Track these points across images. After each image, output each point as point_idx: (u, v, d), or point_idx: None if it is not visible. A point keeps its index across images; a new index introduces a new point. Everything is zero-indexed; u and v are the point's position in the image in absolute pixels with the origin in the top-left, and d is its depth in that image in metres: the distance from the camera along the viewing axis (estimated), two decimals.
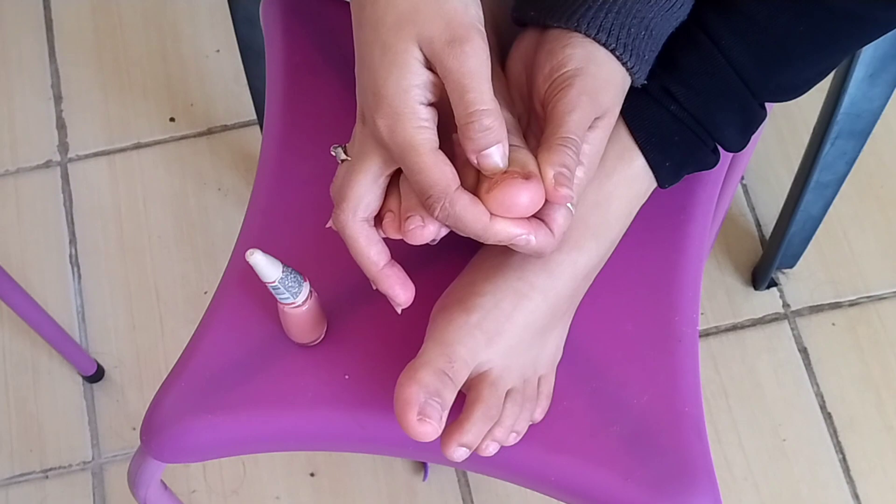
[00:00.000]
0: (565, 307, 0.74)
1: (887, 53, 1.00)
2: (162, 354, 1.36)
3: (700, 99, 0.72)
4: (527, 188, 0.63)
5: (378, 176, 0.66)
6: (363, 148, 0.66)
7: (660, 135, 0.73)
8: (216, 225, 1.42)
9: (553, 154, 0.64)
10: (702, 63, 0.71)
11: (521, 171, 0.63)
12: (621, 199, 0.74)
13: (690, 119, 0.72)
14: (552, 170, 0.63)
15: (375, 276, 0.69)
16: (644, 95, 0.72)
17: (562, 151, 0.64)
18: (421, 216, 0.65)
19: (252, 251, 0.67)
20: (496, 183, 0.63)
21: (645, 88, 0.72)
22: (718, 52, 0.71)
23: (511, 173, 0.63)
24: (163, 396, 0.78)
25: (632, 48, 0.69)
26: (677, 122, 0.72)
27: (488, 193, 0.63)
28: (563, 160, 0.64)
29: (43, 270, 1.40)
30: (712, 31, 0.71)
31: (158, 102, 1.49)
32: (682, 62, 0.72)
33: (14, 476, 1.30)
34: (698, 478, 0.74)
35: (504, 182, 0.63)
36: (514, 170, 0.63)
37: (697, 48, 0.71)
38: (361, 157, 0.66)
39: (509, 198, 0.63)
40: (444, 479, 1.28)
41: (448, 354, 0.69)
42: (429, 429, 0.67)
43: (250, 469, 1.30)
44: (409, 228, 0.65)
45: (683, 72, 0.72)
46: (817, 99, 1.07)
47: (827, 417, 1.30)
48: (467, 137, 0.62)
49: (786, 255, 1.33)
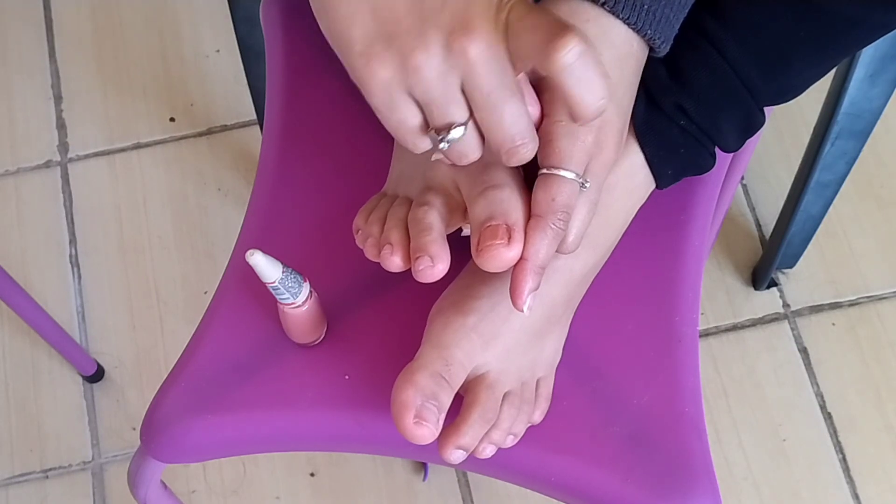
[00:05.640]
0: (562, 311, 0.74)
1: (887, 53, 1.00)
2: (162, 354, 1.36)
3: (708, 111, 0.72)
4: (510, 249, 0.63)
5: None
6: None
7: (668, 148, 0.73)
8: (216, 225, 1.42)
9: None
10: (711, 76, 0.71)
11: (505, 227, 0.63)
12: (621, 209, 0.74)
13: (697, 130, 0.72)
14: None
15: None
16: (658, 112, 0.72)
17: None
18: (430, 256, 0.65)
19: (252, 251, 0.67)
20: (482, 249, 0.63)
21: (659, 105, 0.71)
22: (727, 64, 0.71)
23: (493, 233, 0.63)
24: (163, 396, 0.78)
25: (651, 17, 0.66)
26: (685, 135, 0.72)
27: (478, 252, 0.63)
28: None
29: (43, 270, 1.40)
30: (717, 41, 0.70)
31: (158, 102, 1.49)
32: (692, 76, 0.71)
33: (14, 476, 1.30)
34: (698, 478, 0.74)
35: (488, 249, 0.63)
36: (496, 225, 0.63)
37: (706, 60, 0.71)
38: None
39: (496, 260, 0.63)
40: (444, 479, 1.28)
41: (445, 357, 0.69)
42: (425, 432, 0.67)
43: (250, 469, 1.30)
44: (420, 269, 0.65)
45: (694, 86, 0.71)
46: (817, 99, 1.07)
47: (827, 417, 1.30)
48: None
49: (786, 255, 1.33)
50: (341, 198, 0.82)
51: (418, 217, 0.68)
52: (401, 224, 0.69)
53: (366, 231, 0.72)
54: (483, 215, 0.64)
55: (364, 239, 0.72)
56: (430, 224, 0.67)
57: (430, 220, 0.67)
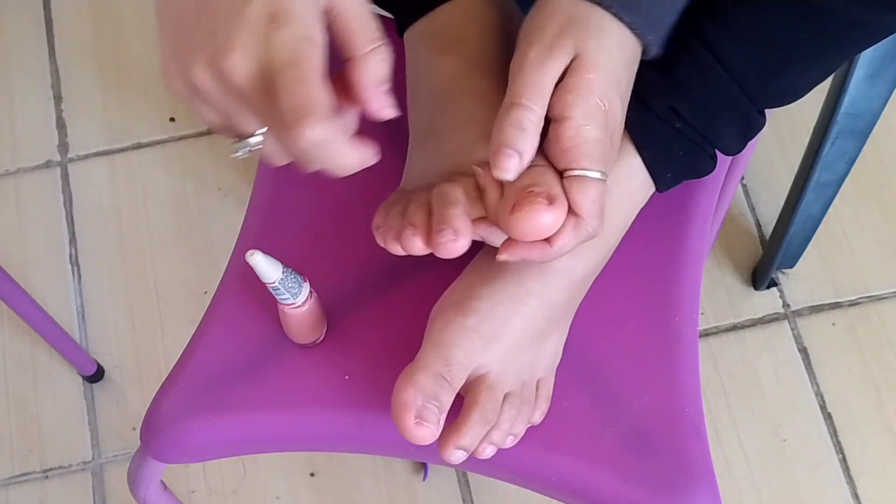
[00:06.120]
0: (562, 312, 0.74)
1: (887, 53, 1.00)
2: (162, 354, 1.36)
3: (703, 113, 0.72)
4: (550, 212, 0.62)
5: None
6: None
7: (666, 150, 0.73)
8: (216, 225, 1.42)
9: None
10: (703, 78, 0.71)
11: (545, 192, 0.63)
12: (621, 211, 0.74)
13: (693, 132, 0.72)
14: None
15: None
16: (650, 114, 0.72)
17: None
18: (454, 229, 0.65)
19: (252, 252, 0.67)
20: (520, 205, 0.62)
21: (650, 107, 0.71)
22: (720, 65, 0.70)
23: (535, 195, 0.62)
24: (163, 396, 0.78)
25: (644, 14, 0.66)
26: (682, 137, 0.72)
27: (512, 214, 0.63)
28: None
29: (43, 270, 1.40)
30: (712, 43, 0.70)
31: (158, 102, 1.49)
32: (684, 78, 0.71)
33: (14, 476, 1.30)
34: (698, 478, 0.74)
35: (529, 204, 0.62)
36: (539, 190, 0.63)
37: (698, 62, 0.71)
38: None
39: (534, 218, 0.62)
40: (443, 479, 1.28)
41: (445, 358, 0.69)
42: (426, 432, 0.67)
43: (250, 469, 1.30)
44: (441, 241, 0.65)
45: (687, 88, 0.71)
46: (817, 99, 1.07)
47: (827, 417, 1.30)
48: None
49: (786, 255, 1.33)
50: (341, 198, 0.82)
51: (444, 191, 0.68)
52: (424, 207, 0.69)
53: (386, 226, 0.71)
54: (526, 181, 0.64)
55: (385, 234, 0.70)
56: (456, 199, 0.67)
57: (457, 195, 0.67)
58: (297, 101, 0.56)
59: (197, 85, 0.59)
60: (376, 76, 0.60)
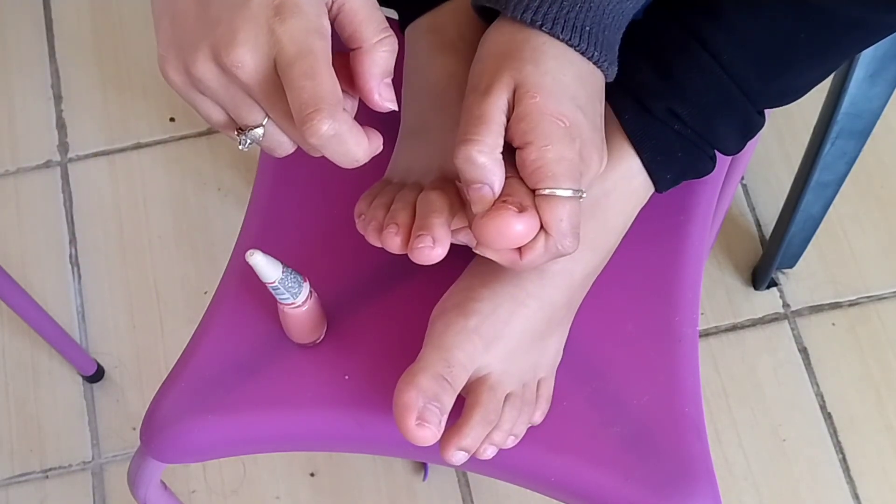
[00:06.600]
0: (563, 313, 0.74)
1: (887, 53, 1.00)
2: (162, 354, 1.36)
3: (703, 114, 0.72)
4: (520, 220, 0.62)
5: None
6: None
7: (665, 152, 0.73)
8: (216, 225, 1.42)
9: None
10: (703, 80, 0.71)
11: (517, 202, 0.62)
12: (620, 212, 0.74)
13: (693, 134, 0.72)
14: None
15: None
16: (649, 116, 0.71)
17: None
18: (433, 237, 0.65)
19: (252, 251, 0.67)
20: (490, 212, 0.62)
21: (650, 109, 0.71)
22: (719, 66, 0.70)
23: (507, 203, 0.62)
24: (163, 396, 0.78)
25: (595, 39, 0.65)
26: (681, 139, 0.72)
27: (482, 219, 0.62)
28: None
29: (43, 270, 1.40)
30: (711, 44, 0.70)
31: (158, 102, 1.49)
32: (683, 80, 0.71)
33: (14, 476, 1.30)
34: (698, 478, 0.74)
35: (498, 211, 0.62)
36: (512, 199, 0.62)
37: (697, 63, 0.71)
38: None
39: (502, 224, 0.62)
40: (444, 479, 1.28)
41: (446, 359, 0.69)
42: (428, 433, 0.67)
43: (250, 469, 1.30)
44: (418, 247, 0.65)
45: (686, 90, 0.71)
46: (817, 99, 1.07)
47: (827, 417, 1.30)
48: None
49: (786, 255, 1.32)
50: (341, 198, 0.82)
51: (430, 198, 0.68)
52: (409, 207, 0.69)
53: (369, 216, 0.71)
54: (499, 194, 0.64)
55: (366, 224, 0.71)
56: (440, 207, 0.67)
57: (442, 203, 0.67)
58: (308, 96, 0.56)
59: (198, 77, 0.59)
60: (382, 68, 0.59)
